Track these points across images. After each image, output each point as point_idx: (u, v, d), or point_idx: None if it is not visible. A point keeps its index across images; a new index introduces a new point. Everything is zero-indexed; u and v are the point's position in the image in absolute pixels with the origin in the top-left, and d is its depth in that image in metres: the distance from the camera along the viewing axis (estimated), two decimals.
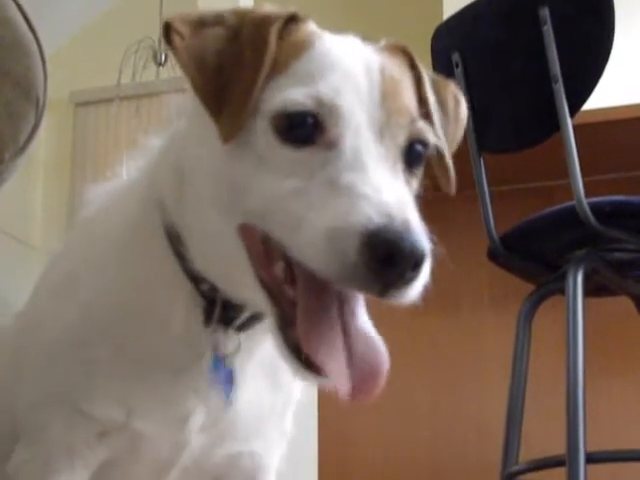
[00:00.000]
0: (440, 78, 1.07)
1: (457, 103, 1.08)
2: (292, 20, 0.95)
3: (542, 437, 2.38)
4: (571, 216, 1.92)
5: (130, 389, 1.05)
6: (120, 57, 5.24)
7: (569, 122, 1.92)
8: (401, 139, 0.91)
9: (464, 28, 2.20)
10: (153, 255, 1.03)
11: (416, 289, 0.83)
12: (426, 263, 0.81)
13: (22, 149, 1.28)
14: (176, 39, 0.91)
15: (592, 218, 1.88)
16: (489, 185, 2.18)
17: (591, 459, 1.87)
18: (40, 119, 1.29)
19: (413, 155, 0.94)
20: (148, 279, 1.04)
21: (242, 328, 1.04)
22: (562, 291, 1.96)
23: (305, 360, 0.86)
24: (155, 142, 1.09)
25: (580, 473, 1.81)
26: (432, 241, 0.84)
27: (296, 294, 0.88)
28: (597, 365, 2.13)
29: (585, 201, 1.89)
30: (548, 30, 1.95)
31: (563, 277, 1.95)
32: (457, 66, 2.16)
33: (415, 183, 0.96)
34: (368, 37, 1.01)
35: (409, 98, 0.96)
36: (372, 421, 2.92)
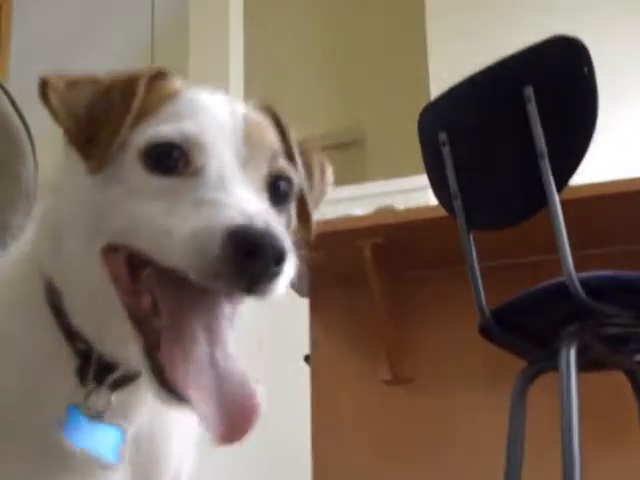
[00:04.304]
0: (309, 145, 1.14)
1: (323, 172, 1.15)
2: (159, 76, 1.02)
3: None
4: (562, 291, 1.91)
5: None
6: None
7: (556, 198, 1.94)
8: (264, 171, 0.98)
9: (450, 108, 2.23)
10: (31, 315, 1.04)
11: (281, 285, 0.87)
12: (289, 259, 0.86)
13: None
14: (51, 94, 0.96)
15: (583, 293, 1.88)
16: (479, 261, 2.19)
17: None
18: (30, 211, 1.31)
19: (279, 191, 1.00)
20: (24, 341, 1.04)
21: (118, 386, 1.04)
22: (556, 368, 1.95)
23: (170, 385, 0.88)
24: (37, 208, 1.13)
25: None
26: (298, 247, 0.91)
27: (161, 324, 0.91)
28: (592, 440, 2.11)
29: (576, 277, 1.89)
30: (533, 108, 1.97)
31: (556, 354, 1.95)
32: (444, 145, 2.18)
33: (285, 219, 1.02)
34: (354, 116, 1.03)
35: (271, 140, 1.03)
36: None
